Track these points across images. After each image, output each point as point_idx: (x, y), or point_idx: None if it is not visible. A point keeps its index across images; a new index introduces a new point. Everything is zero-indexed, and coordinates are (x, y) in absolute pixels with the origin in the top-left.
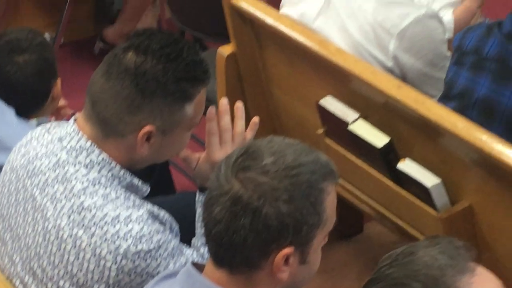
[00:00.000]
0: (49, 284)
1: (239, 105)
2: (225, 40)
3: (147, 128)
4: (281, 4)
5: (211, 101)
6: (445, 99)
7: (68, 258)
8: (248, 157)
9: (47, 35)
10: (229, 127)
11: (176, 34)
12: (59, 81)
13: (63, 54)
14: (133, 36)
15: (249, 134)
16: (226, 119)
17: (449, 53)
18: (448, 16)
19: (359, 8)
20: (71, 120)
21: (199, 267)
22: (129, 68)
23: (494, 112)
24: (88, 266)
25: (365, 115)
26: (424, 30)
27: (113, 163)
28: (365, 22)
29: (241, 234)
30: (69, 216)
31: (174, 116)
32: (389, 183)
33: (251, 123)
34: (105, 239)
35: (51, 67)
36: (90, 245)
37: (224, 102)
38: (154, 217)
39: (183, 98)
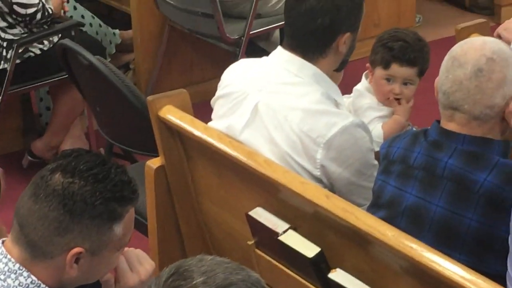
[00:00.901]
0: None
1: None
2: (154, 152)
3: (76, 250)
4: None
5: (141, 214)
6: (374, 208)
7: None
8: (178, 277)
9: None
10: (131, 249)
11: (103, 156)
12: None
13: None
14: (60, 157)
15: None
16: None
17: (376, 162)
18: (377, 131)
19: (285, 118)
20: None
21: None
22: (56, 190)
23: (423, 220)
24: None
25: (295, 226)
26: (351, 139)
27: (42, 286)
28: (291, 132)
29: None
30: None
31: (103, 236)
32: None
33: None
34: None
35: None
36: None
37: None
38: None
39: (112, 219)
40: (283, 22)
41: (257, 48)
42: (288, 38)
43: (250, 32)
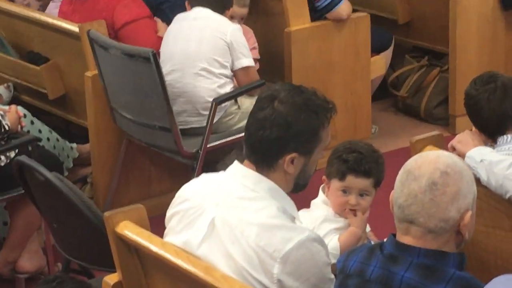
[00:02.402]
0: None
1: None
2: (111, 268)
3: None
4: (164, 233)
5: None
6: None
7: None
8: None
9: None
10: None
11: (86, 283)
12: None
13: None
14: (43, 283)
15: None
16: None
17: (333, 276)
18: (333, 243)
19: (242, 233)
20: None
21: None
22: None
23: None
24: None
25: None
26: (307, 254)
27: None
28: (248, 247)
29: None
30: None
31: None
32: None
33: None
34: None
35: None
36: None
37: None
38: None
39: None
40: (240, 135)
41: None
42: (245, 143)
43: (208, 146)
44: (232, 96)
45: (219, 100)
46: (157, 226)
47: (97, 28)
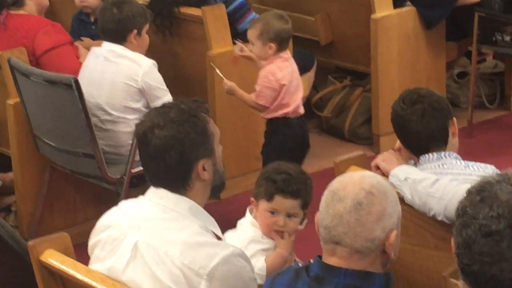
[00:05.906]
0: None
1: None
2: None
3: None
4: (89, 263)
5: None
6: None
7: None
8: None
9: None
10: None
11: None
12: None
13: None
14: None
15: None
16: None
17: None
18: (260, 263)
19: (166, 253)
20: None
21: None
22: None
23: None
24: None
25: None
26: (233, 269)
27: None
28: (173, 266)
29: None
30: None
31: None
32: None
33: None
34: None
35: None
36: None
37: None
38: None
39: None
40: None
41: None
42: (151, 182)
43: (132, 171)
44: None
45: None
46: (84, 253)
47: (18, 55)
